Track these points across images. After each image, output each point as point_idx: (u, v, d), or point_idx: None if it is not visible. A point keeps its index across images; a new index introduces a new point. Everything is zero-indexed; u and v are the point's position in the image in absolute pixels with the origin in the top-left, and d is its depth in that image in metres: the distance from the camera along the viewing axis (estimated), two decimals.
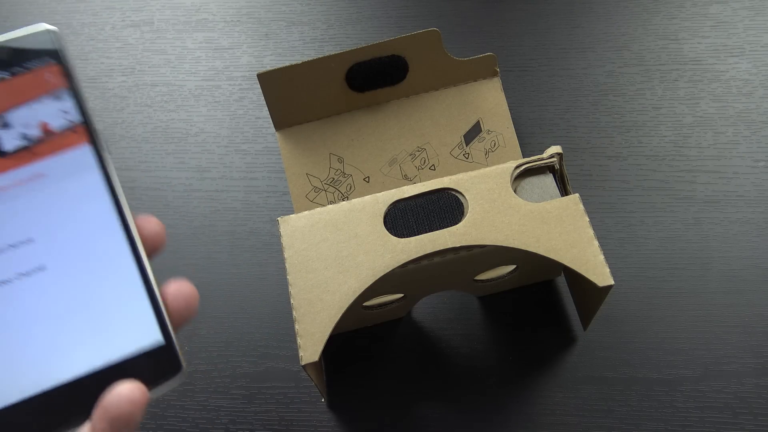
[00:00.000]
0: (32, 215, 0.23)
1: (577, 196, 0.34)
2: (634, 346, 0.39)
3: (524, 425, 0.37)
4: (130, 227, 0.23)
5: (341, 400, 0.39)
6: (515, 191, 0.35)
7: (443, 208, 0.34)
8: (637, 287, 0.41)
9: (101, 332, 0.22)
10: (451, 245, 0.33)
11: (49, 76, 0.23)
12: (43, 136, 0.23)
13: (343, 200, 0.42)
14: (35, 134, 0.23)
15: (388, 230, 0.34)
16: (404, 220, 0.34)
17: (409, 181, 0.42)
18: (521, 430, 0.37)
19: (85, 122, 0.23)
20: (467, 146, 0.43)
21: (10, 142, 0.23)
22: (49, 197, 0.23)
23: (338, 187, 0.42)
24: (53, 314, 0.22)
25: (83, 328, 0.22)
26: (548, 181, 0.36)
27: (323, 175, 0.42)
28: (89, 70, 0.52)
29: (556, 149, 0.35)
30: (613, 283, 0.32)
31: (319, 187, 0.42)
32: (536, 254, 0.33)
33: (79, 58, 0.53)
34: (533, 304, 0.41)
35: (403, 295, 0.38)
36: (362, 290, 0.32)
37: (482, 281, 0.39)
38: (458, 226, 0.33)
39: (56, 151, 0.23)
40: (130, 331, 0.22)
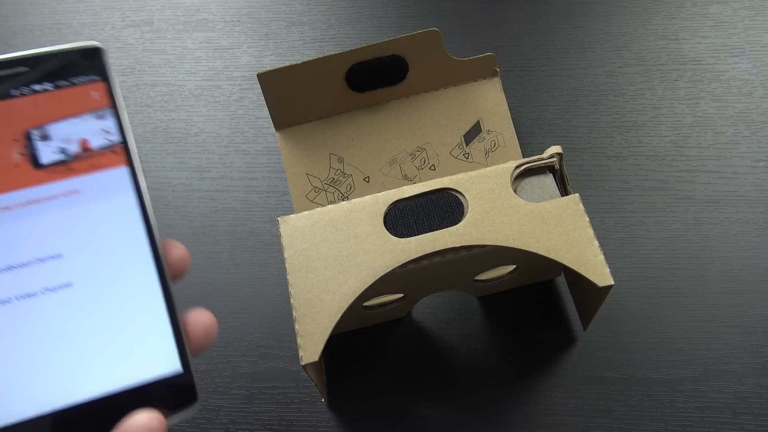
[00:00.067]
0: (63, 231, 0.22)
1: (577, 196, 0.34)
2: (634, 346, 0.39)
3: (524, 425, 0.37)
4: (158, 253, 0.23)
5: (341, 400, 0.39)
6: (515, 191, 0.35)
7: (443, 208, 0.34)
8: (637, 287, 0.41)
9: (121, 355, 0.22)
10: (451, 245, 0.33)
11: (93, 93, 0.23)
12: (81, 152, 0.23)
13: (343, 200, 0.42)
14: (74, 150, 0.23)
15: (388, 230, 0.34)
16: (404, 220, 0.34)
17: (409, 181, 0.42)
18: (521, 430, 0.37)
19: (124, 143, 0.23)
20: (467, 146, 0.43)
21: (48, 155, 0.23)
22: (81, 215, 0.23)
23: (338, 187, 0.42)
24: (74, 333, 0.22)
25: (103, 349, 0.22)
26: (548, 181, 0.36)
27: (323, 175, 0.42)
28: None
29: (556, 149, 0.35)
30: (613, 283, 0.32)
31: (319, 187, 0.42)
32: (536, 254, 0.33)
33: None
34: (533, 304, 0.41)
35: (403, 295, 0.38)
36: (362, 290, 0.32)
37: (482, 281, 0.39)
38: (458, 226, 0.33)
39: (93, 169, 0.23)
40: (149, 356, 0.22)
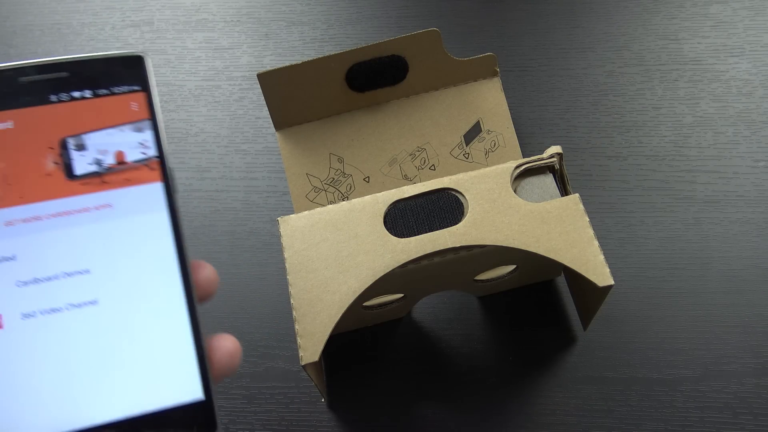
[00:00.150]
0: (92, 246, 0.22)
1: (577, 196, 0.34)
2: (634, 346, 0.39)
3: (524, 425, 0.37)
4: (187, 274, 0.22)
5: (341, 400, 0.39)
6: (515, 191, 0.35)
7: (443, 208, 0.34)
8: (637, 287, 0.41)
9: (143, 379, 0.21)
10: (451, 245, 0.33)
11: (133, 104, 0.22)
12: (116, 165, 0.22)
13: (343, 200, 0.42)
14: (109, 162, 0.22)
15: (388, 230, 0.34)
16: (404, 220, 0.34)
17: (409, 181, 0.42)
18: (521, 430, 0.37)
19: (160, 159, 0.22)
20: (467, 146, 0.43)
21: (82, 165, 0.22)
22: (111, 230, 0.22)
23: (338, 187, 0.42)
24: (97, 352, 0.21)
25: (125, 372, 0.21)
26: (548, 181, 0.36)
27: (323, 175, 0.42)
28: None
29: (556, 149, 0.35)
30: (613, 283, 0.32)
31: (319, 187, 0.42)
32: (536, 254, 0.33)
33: None
34: (533, 304, 0.41)
35: (403, 295, 0.38)
36: (362, 290, 0.32)
37: (482, 281, 0.39)
38: (458, 226, 0.33)
39: (127, 183, 0.22)
40: (172, 381, 0.21)
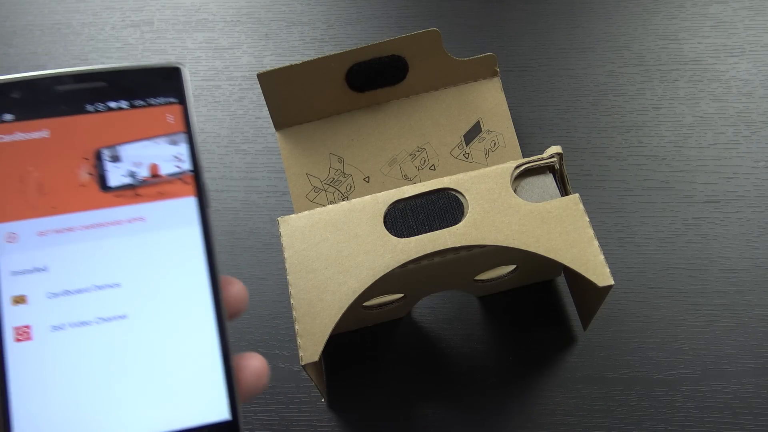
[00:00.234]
0: (123, 259, 0.21)
1: (577, 196, 0.34)
2: (634, 346, 0.39)
3: (524, 425, 0.37)
4: (218, 292, 0.22)
5: (341, 400, 0.39)
6: (515, 191, 0.35)
7: (443, 208, 0.34)
8: (637, 287, 0.41)
9: (169, 397, 0.20)
10: (451, 245, 0.33)
11: (169, 116, 0.22)
12: (150, 178, 0.22)
13: (343, 200, 0.42)
14: (143, 175, 0.22)
15: (388, 230, 0.34)
16: (404, 220, 0.34)
17: (409, 181, 0.42)
18: (521, 430, 0.37)
19: (195, 173, 0.22)
20: (467, 146, 0.43)
21: (116, 177, 0.21)
22: (143, 244, 0.21)
23: (338, 187, 0.42)
24: (124, 368, 0.20)
25: (151, 389, 0.20)
26: (548, 181, 0.36)
27: (323, 175, 0.42)
28: None
29: (556, 149, 0.35)
30: (613, 283, 0.32)
31: (319, 187, 0.42)
32: (536, 254, 0.33)
33: (79, 58, 0.53)
34: (533, 303, 0.41)
35: (403, 295, 0.38)
36: (362, 290, 0.32)
37: (482, 281, 0.39)
38: (458, 226, 0.33)
39: (160, 197, 0.22)
40: (199, 400, 0.21)
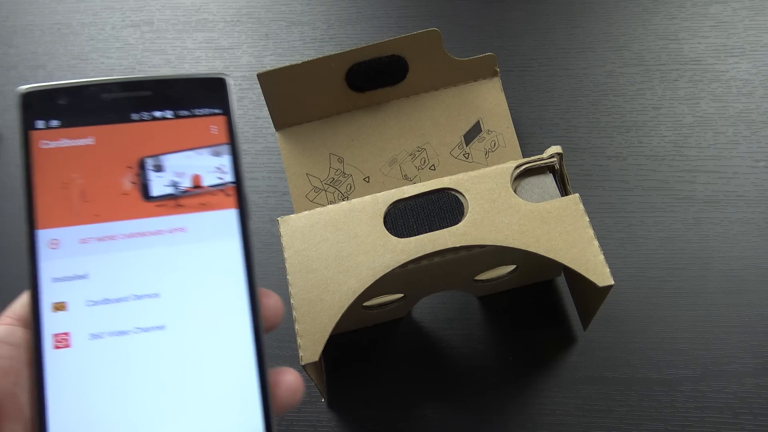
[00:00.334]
0: (163, 269, 0.21)
1: (577, 196, 0.34)
2: (634, 346, 0.39)
3: (524, 425, 0.37)
4: (256, 305, 0.21)
5: (341, 400, 0.39)
6: (515, 191, 0.35)
7: (443, 208, 0.34)
8: (637, 287, 0.41)
9: (205, 409, 0.20)
10: (451, 245, 0.33)
11: (213, 127, 0.22)
12: (192, 188, 0.22)
13: (343, 200, 0.42)
14: (185, 185, 0.22)
15: (388, 230, 0.34)
16: (404, 220, 0.34)
17: (409, 181, 0.42)
18: (521, 430, 0.37)
19: (237, 185, 0.22)
20: (467, 146, 0.43)
21: (159, 187, 0.21)
22: (184, 255, 0.21)
23: (338, 187, 0.42)
24: (161, 379, 0.20)
25: (187, 401, 0.20)
26: (548, 181, 0.36)
27: (323, 175, 0.42)
28: (89, 70, 0.52)
29: (556, 149, 0.35)
30: (613, 283, 0.32)
31: (319, 187, 0.42)
32: (536, 254, 0.33)
33: (79, 58, 0.53)
34: (533, 304, 0.41)
35: (403, 295, 0.38)
36: (362, 290, 0.32)
37: (482, 281, 0.39)
38: (458, 226, 0.33)
39: (202, 208, 0.22)
40: (234, 414, 0.20)
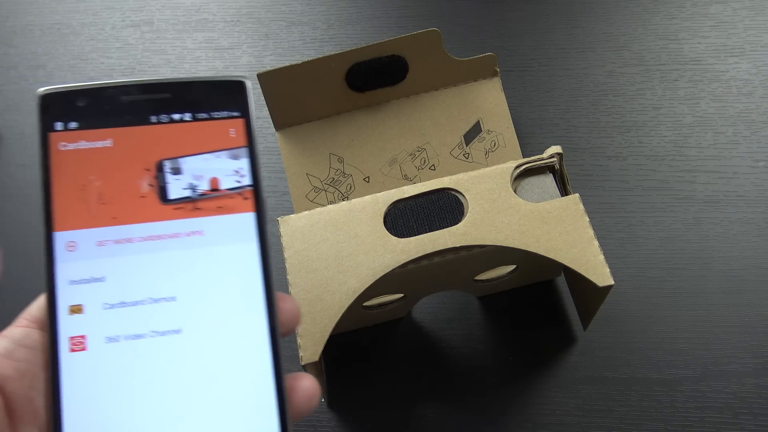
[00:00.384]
0: (180, 273, 0.21)
1: (577, 196, 0.34)
2: (634, 346, 0.39)
3: (524, 425, 0.37)
4: (273, 310, 0.21)
5: (341, 400, 0.39)
6: (515, 191, 0.35)
7: (443, 208, 0.34)
8: (637, 287, 0.41)
9: (221, 415, 0.20)
10: (451, 245, 0.33)
11: (231, 130, 0.22)
12: (210, 192, 0.21)
13: (343, 200, 0.42)
14: (203, 188, 0.21)
15: (388, 230, 0.34)
16: (404, 220, 0.34)
17: (409, 181, 0.42)
18: (521, 430, 0.37)
19: (255, 188, 0.22)
20: (467, 146, 0.43)
21: (177, 190, 0.21)
22: (200, 258, 0.21)
23: (338, 187, 0.42)
24: (176, 383, 0.20)
25: (202, 407, 0.20)
26: (548, 181, 0.36)
27: (323, 175, 0.42)
28: (89, 70, 0.52)
29: (556, 149, 0.35)
30: (613, 283, 0.32)
31: (319, 187, 0.42)
32: (536, 254, 0.33)
33: (79, 58, 0.53)
34: (533, 304, 0.41)
35: (403, 295, 0.38)
36: (362, 290, 0.32)
37: (482, 281, 0.39)
38: (458, 226, 0.33)
39: (220, 212, 0.21)
40: (250, 420, 0.20)
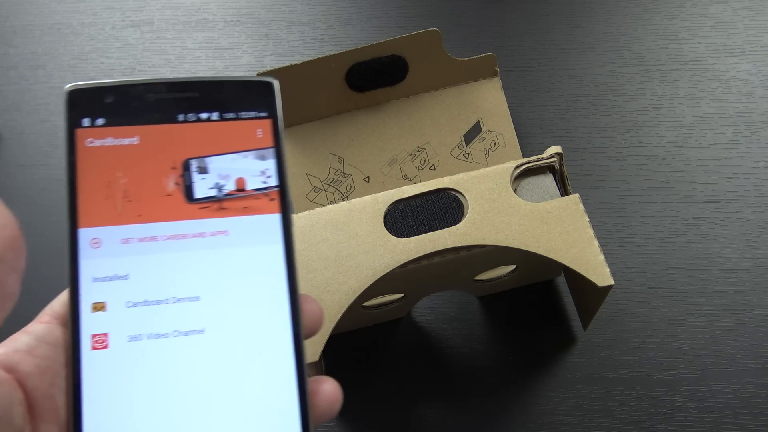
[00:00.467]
0: (204, 273, 0.21)
1: (577, 196, 0.34)
2: (634, 346, 0.39)
3: (524, 425, 0.37)
4: (297, 312, 0.21)
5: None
6: (515, 191, 0.35)
7: (443, 208, 0.34)
8: (637, 287, 0.41)
9: (243, 417, 0.20)
10: (451, 245, 0.33)
11: (259, 130, 0.22)
12: (236, 192, 0.21)
13: (343, 200, 0.42)
14: (229, 188, 0.21)
15: (388, 230, 0.34)
16: (404, 220, 0.34)
17: (409, 181, 0.42)
18: (521, 430, 0.37)
19: (281, 189, 0.22)
20: (467, 146, 0.43)
21: (202, 189, 0.21)
22: (225, 259, 0.21)
23: (338, 187, 0.42)
24: (198, 384, 0.20)
25: (224, 408, 0.20)
26: (548, 181, 0.36)
27: (323, 175, 0.42)
28: (89, 70, 0.52)
29: (556, 149, 0.35)
30: (613, 283, 0.32)
31: (319, 187, 0.42)
32: (536, 254, 0.33)
33: (79, 58, 0.53)
34: (533, 304, 0.41)
35: (403, 295, 0.38)
36: (362, 290, 0.32)
37: (482, 281, 0.39)
38: (458, 226, 0.33)
39: (245, 212, 0.21)
40: (271, 423, 0.20)
